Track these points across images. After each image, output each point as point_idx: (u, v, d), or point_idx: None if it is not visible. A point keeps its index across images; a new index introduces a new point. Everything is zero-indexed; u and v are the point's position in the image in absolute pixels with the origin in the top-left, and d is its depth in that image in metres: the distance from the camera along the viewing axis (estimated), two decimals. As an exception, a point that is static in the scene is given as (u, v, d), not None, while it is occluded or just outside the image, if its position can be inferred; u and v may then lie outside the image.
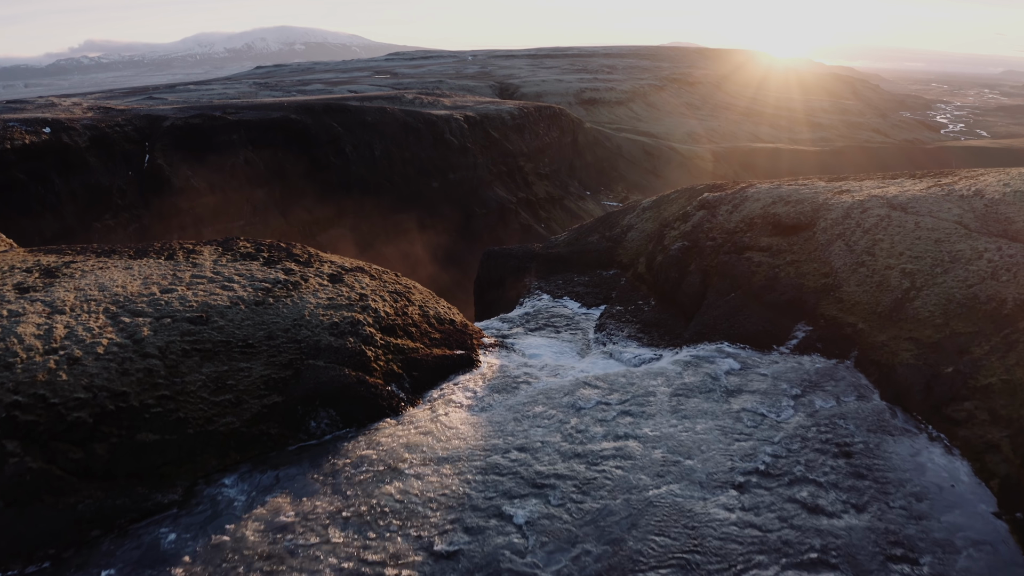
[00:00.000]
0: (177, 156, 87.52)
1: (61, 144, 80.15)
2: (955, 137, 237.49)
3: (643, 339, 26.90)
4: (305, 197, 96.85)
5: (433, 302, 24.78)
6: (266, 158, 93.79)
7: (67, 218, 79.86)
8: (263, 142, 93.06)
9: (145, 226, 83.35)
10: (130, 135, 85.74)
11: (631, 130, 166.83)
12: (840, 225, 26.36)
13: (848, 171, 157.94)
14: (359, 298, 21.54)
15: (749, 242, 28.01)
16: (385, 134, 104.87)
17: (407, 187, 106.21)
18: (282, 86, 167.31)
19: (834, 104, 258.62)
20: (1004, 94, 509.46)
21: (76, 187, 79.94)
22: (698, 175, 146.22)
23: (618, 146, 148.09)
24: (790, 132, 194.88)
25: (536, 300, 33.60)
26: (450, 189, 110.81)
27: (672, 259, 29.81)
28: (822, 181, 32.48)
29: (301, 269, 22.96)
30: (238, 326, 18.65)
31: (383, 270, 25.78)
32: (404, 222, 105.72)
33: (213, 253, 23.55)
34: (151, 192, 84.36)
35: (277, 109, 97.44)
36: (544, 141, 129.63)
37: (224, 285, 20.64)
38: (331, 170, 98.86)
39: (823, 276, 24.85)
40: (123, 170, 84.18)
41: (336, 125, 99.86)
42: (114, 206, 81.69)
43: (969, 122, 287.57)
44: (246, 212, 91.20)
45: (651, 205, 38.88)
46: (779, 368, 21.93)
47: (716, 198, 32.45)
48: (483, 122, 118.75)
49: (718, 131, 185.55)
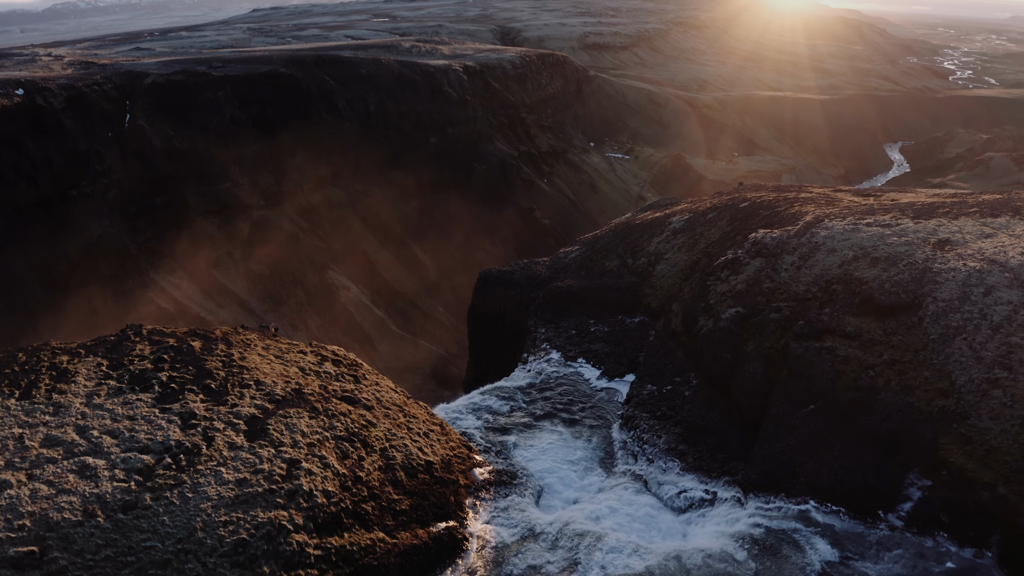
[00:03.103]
0: (159, 116, 78.72)
1: (35, 106, 71.43)
2: (964, 85, 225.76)
3: (687, 457, 19.30)
4: (296, 156, 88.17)
5: (404, 428, 17.09)
6: (254, 115, 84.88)
7: (42, 185, 71.50)
8: (251, 98, 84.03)
9: (125, 192, 74.95)
10: (109, 94, 76.74)
11: (636, 76, 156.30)
12: (957, 313, 18.52)
13: (855, 121, 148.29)
14: (286, 472, 13.97)
15: (829, 322, 20.11)
16: (380, 87, 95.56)
17: (403, 143, 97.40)
18: (277, 31, 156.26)
19: (842, 49, 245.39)
20: (1012, 40, 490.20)
21: (51, 152, 71.41)
22: (704, 124, 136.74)
23: (623, 94, 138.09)
24: (795, 79, 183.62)
25: (543, 359, 25.81)
26: (448, 144, 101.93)
27: (722, 333, 21.86)
28: (907, 217, 24.27)
29: (209, 411, 15.20)
30: (88, 566, 11.10)
31: (332, 377, 17.93)
32: (400, 180, 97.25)
33: (92, 375, 15.90)
34: (132, 155, 75.77)
35: (266, 62, 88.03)
36: (547, 91, 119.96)
37: (84, 464, 12.99)
38: (323, 126, 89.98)
39: (940, 394, 17.13)
40: (102, 132, 75.49)
41: (328, 79, 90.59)
42: (92, 172, 73.29)
43: (977, 69, 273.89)
44: (233, 174, 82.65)
45: (683, 227, 30.66)
46: (893, 571, 14.07)
47: (776, 241, 24.29)
48: (483, 72, 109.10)
49: (723, 77, 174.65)
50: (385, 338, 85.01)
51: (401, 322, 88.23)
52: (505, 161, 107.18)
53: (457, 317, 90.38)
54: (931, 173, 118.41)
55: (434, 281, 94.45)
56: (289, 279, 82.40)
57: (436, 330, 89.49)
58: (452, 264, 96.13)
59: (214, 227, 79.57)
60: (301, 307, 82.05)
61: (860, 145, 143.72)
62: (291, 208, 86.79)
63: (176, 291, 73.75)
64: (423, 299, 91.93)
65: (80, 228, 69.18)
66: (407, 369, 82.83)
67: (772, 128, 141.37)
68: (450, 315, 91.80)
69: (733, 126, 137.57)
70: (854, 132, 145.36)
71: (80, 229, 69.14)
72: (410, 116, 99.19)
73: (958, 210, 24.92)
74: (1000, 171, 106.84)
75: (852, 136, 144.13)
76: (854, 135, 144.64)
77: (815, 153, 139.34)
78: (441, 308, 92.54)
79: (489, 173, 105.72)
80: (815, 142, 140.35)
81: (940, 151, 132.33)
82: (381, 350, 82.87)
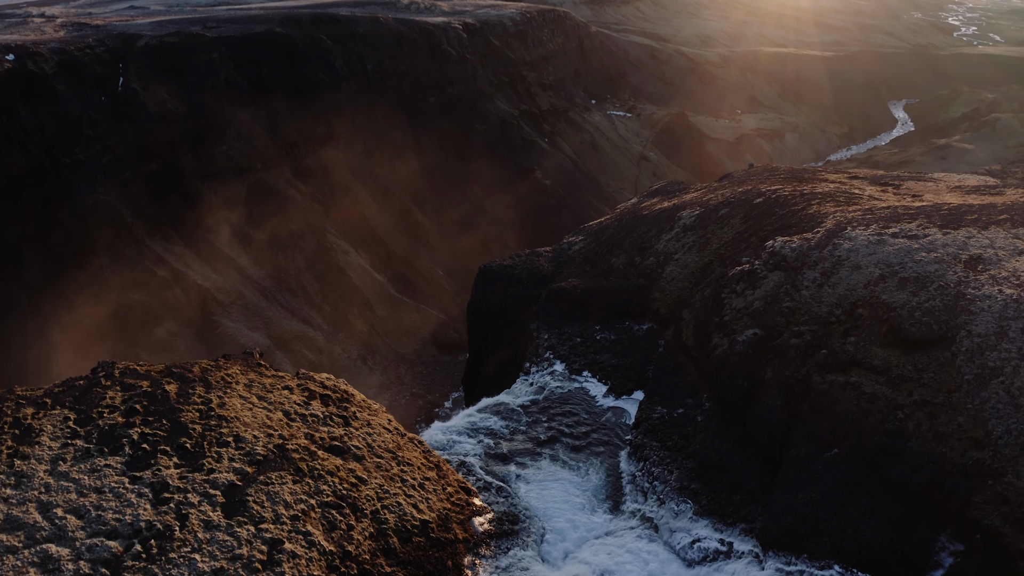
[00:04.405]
0: (153, 78, 76.16)
1: (26, 72, 69.05)
2: (968, 42, 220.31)
3: (701, 498, 17.89)
4: (292, 117, 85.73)
5: (398, 480, 15.59)
6: (250, 76, 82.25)
7: (34, 153, 69.36)
8: (246, 59, 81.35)
9: (119, 157, 72.79)
10: (102, 57, 74.17)
11: (638, 32, 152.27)
12: (994, 351, 16.95)
13: (859, 79, 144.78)
14: (267, 557, 12.48)
15: (854, 353, 18.54)
16: (378, 46, 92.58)
17: (402, 103, 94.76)
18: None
19: (845, 3, 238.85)
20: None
21: (44, 118, 69.16)
22: (708, 80, 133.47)
23: (624, 50, 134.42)
24: (798, 34, 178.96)
25: (547, 371, 24.28)
26: (448, 104, 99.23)
27: (739, 358, 20.27)
28: (934, 226, 22.46)
29: (183, 480, 13.59)
30: None
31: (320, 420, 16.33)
32: (400, 141, 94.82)
33: (58, 432, 14.34)
34: (125, 119, 73.44)
35: (261, 22, 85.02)
36: (548, 48, 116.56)
37: (47, 556, 11.50)
38: (320, 87, 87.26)
39: (975, 445, 15.65)
40: (95, 96, 73.10)
41: (325, 38, 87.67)
42: (85, 138, 71.09)
43: (982, 25, 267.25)
44: (229, 136, 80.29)
45: (693, 224, 28.81)
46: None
47: (796, 253, 22.49)
48: (483, 29, 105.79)
49: (726, 32, 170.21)
50: (385, 302, 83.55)
51: (401, 286, 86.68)
52: (505, 120, 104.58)
53: (457, 281, 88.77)
54: (936, 133, 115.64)
55: (434, 244, 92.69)
56: (287, 243, 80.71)
57: (436, 293, 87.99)
58: (452, 227, 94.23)
59: (210, 191, 77.59)
60: (300, 272, 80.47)
61: (864, 103, 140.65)
62: (288, 171, 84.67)
63: (173, 258, 72.03)
64: (423, 262, 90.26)
65: (74, 196, 67.24)
66: (407, 334, 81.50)
67: (775, 85, 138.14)
68: (450, 278, 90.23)
69: (736, 83, 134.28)
70: (858, 89, 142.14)
71: (74, 197, 67.21)
72: (409, 76, 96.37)
73: (987, 216, 23.10)
74: (1006, 132, 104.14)
75: (856, 93, 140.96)
76: (858, 92, 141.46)
77: (819, 110, 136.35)
78: (441, 271, 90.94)
79: (489, 133, 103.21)
80: (819, 99, 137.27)
81: (945, 110, 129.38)
82: (380, 314, 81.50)
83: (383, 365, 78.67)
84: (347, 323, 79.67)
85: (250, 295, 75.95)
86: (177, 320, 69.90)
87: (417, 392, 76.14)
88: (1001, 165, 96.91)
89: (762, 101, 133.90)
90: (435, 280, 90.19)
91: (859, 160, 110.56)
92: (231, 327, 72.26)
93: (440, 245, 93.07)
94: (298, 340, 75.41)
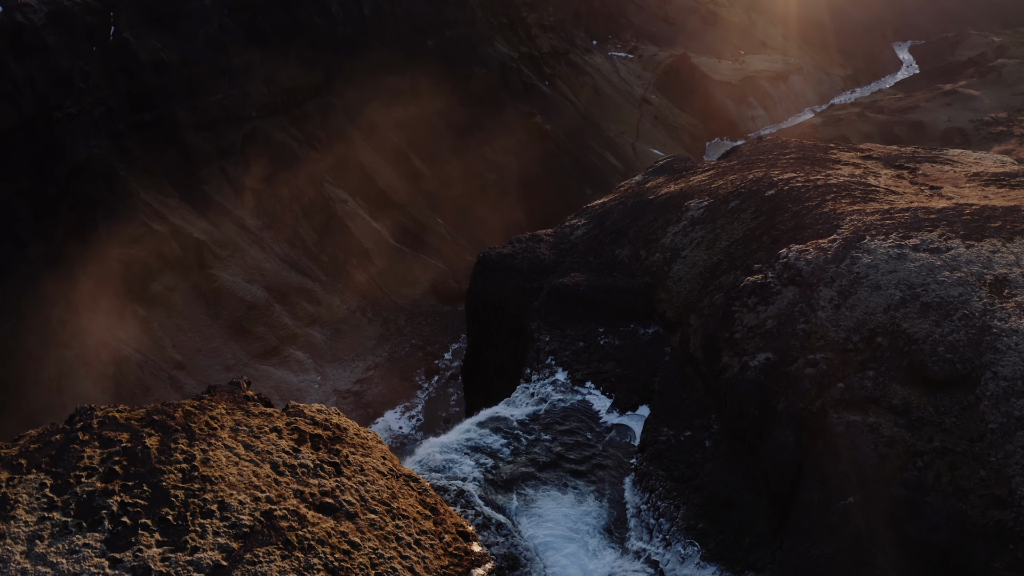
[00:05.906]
0: (145, 27, 73.38)
1: (15, 24, 66.48)
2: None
3: (708, 540, 17.03)
4: (288, 63, 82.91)
5: (393, 540, 14.54)
6: (244, 23, 79.36)
7: (25, 107, 67.14)
8: (240, 5, 78.53)
9: (112, 109, 70.53)
10: (92, 6, 71.30)
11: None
12: (1021, 398, 15.72)
13: (862, 19, 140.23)
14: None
15: (873, 389, 17.43)
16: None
17: (400, 47, 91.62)
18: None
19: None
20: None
21: (34, 72, 66.80)
22: (711, 20, 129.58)
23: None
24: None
25: (548, 380, 23.22)
26: (447, 48, 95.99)
27: (750, 385, 19.13)
28: (957, 236, 21.05)
29: (166, 561, 12.41)
30: None
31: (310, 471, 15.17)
32: (397, 86, 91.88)
33: (35, 503, 13.21)
34: (117, 70, 70.92)
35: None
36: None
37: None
38: (316, 32, 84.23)
39: (997, 504, 14.65)
40: (86, 48, 70.50)
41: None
42: (76, 90, 68.74)
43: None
44: (223, 85, 77.71)
45: (702, 216, 27.32)
46: None
47: (811, 267, 21.12)
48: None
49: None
50: (384, 252, 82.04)
51: (400, 235, 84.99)
52: (505, 64, 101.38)
53: (457, 229, 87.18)
54: (941, 78, 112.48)
55: (433, 192, 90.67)
56: (284, 193, 78.89)
57: (436, 243, 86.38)
58: (452, 174, 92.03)
59: (205, 141, 75.46)
60: (297, 222, 78.88)
61: (868, 44, 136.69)
62: (284, 119, 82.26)
63: (168, 211, 70.33)
64: (422, 211, 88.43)
65: (66, 150, 65.32)
66: (406, 284, 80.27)
67: (779, 25, 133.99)
68: (450, 227, 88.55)
69: (739, 23, 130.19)
70: (862, 30, 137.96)
71: (66, 151, 65.30)
72: (406, 19, 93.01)
73: (1012, 224, 21.65)
74: (1013, 78, 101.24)
75: (860, 34, 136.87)
76: (862, 33, 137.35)
77: (823, 51, 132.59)
78: (440, 220, 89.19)
79: (489, 77, 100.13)
80: (822, 40, 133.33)
81: (951, 53, 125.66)
82: (379, 265, 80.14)
83: (382, 316, 77.61)
84: (346, 274, 78.37)
85: (247, 247, 74.48)
86: (174, 274, 68.58)
87: (417, 343, 75.31)
88: (1007, 113, 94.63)
89: (766, 42, 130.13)
90: (435, 229, 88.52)
91: (863, 105, 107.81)
92: (228, 280, 71.00)
93: (439, 193, 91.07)
94: (296, 292, 74.22)
